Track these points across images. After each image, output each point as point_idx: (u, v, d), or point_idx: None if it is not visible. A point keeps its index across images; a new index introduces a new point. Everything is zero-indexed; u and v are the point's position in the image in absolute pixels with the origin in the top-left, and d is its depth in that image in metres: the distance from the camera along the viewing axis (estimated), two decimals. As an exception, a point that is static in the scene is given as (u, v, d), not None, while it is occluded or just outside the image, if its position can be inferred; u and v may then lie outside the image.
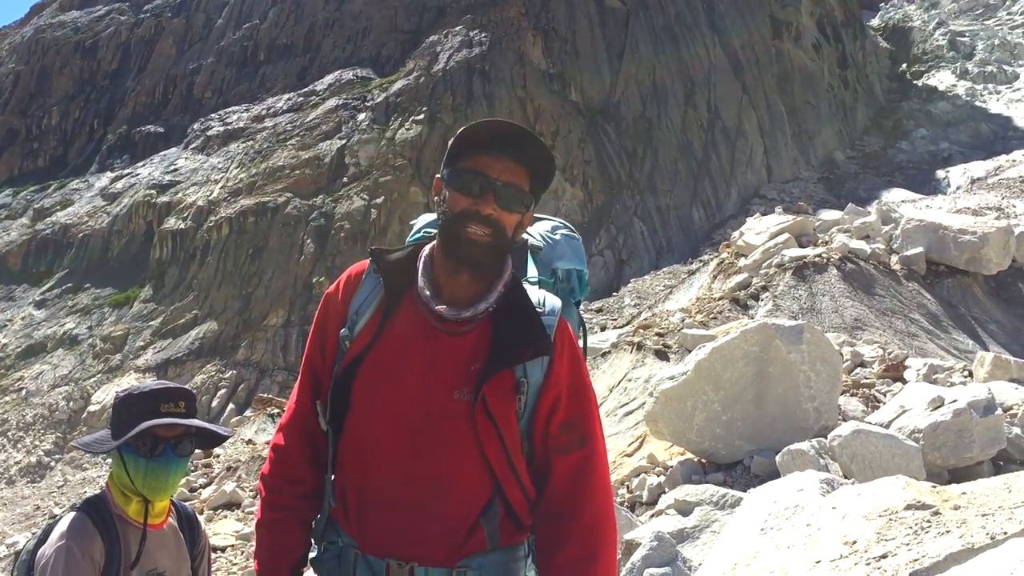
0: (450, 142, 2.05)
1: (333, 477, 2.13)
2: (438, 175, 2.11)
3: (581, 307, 2.50)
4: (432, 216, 2.35)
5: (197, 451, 2.91)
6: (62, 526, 2.58)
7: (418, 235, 2.38)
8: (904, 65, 50.59)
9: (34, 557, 2.57)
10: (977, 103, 44.98)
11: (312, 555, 2.19)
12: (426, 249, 2.14)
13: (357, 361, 2.04)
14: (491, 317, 2.04)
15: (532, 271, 2.28)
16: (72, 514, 2.63)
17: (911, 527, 2.19)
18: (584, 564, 2.00)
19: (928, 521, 2.19)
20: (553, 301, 2.12)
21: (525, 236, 2.31)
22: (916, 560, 1.96)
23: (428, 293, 2.04)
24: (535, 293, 2.12)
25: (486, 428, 1.98)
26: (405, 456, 2.00)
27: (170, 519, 2.82)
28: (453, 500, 2.00)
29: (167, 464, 2.61)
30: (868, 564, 2.09)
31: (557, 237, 2.43)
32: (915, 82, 48.63)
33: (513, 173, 2.00)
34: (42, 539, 2.61)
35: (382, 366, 2.03)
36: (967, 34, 50.87)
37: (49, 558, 2.50)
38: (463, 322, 2.03)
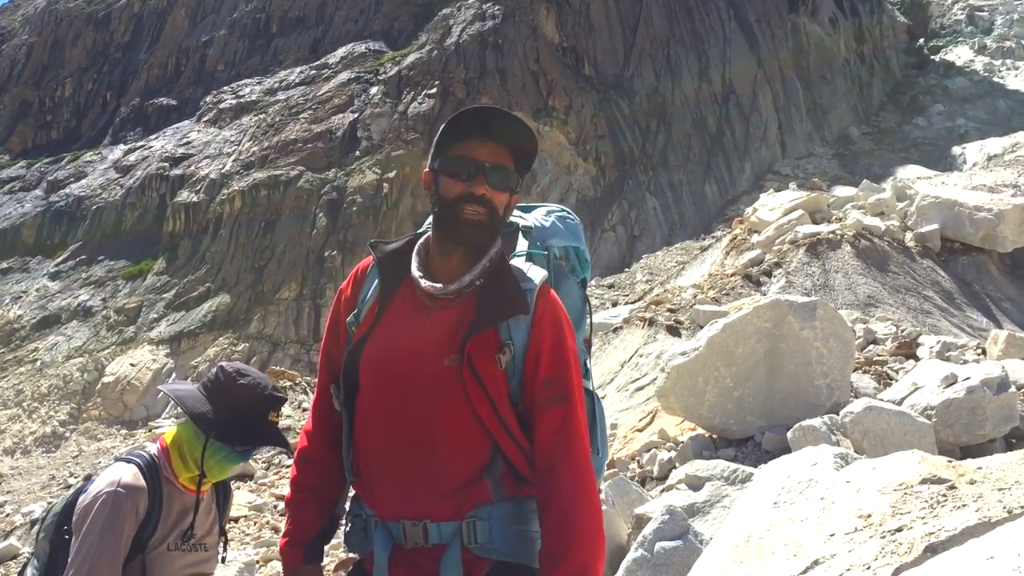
0: (437, 134, 2.21)
1: (351, 453, 2.28)
2: (426, 168, 2.27)
3: (593, 282, 2.59)
4: None
5: None
6: (114, 474, 2.67)
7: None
8: (921, 40, 50.02)
9: (75, 508, 2.64)
10: (995, 79, 44.50)
11: (345, 531, 2.34)
12: (421, 239, 2.31)
13: (361, 343, 2.21)
14: (478, 290, 2.18)
15: (521, 246, 2.39)
16: (126, 465, 2.72)
17: (927, 501, 2.19)
18: (573, 511, 2.10)
19: (944, 495, 2.19)
20: (538, 271, 2.24)
21: (515, 220, 2.46)
22: (932, 534, 1.96)
23: (419, 274, 2.20)
24: (521, 265, 2.26)
25: (474, 388, 2.10)
26: (404, 422, 2.14)
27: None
28: (452, 460, 2.13)
29: (243, 458, 2.82)
30: (883, 537, 2.09)
31: (549, 219, 2.53)
32: (932, 57, 48.10)
33: (499, 155, 2.16)
34: (78, 493, 2.69)
35: (380, 344, 2.19)
36: (985, 9, 50.25)
37: (97, 498, 2.58)
38: (451, 296, 2.18)
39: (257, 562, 8.41)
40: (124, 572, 2.60)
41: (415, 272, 2.21)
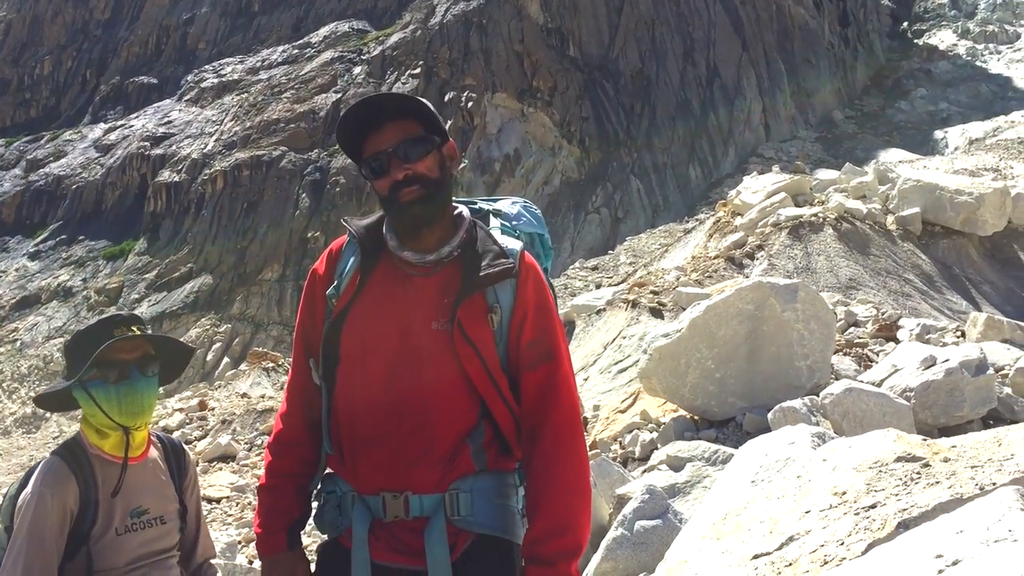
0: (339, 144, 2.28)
1: (329, 427, 2.26)
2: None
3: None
4: None
5: (193, 405, 2.89)
6: (40, 471, 2.53)
7: None
8: (905, 24, 50.15)
9: (16, 502, 2.55)
10: (978, 63, 44.70)
11: (314, 510, 2.33)
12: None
13: (343, 314, 2.21)
14: (459, 259, 2.21)
15: (494, 223, 2.41)
16: (52, 459, 2.57)
17: (901, 478, 2.22)
18: (552, 466, 2.10)
19: (918, 473, 2.22)
20: (515, 241, 2.28)
21: (484, 206, 2.48)
22: (905, 510, 1.99)
23: (395, 243, 2.22)
24: (498, 236, 2.28)
25: (466, 351, 2.11)
26: (391, 388, 2.13)
27: (153, 453, 2.73)
28: (441, 426, 2.13)
29: (137, 385, 2.55)
30: (857, 514, 2.12)
31: (515, 208, 2.56)
32: (916, 41, 48.25)
33: (398, 130, 2.17)
34: (23, 483, 2.58)
35: (364, 314, 2.19)
36: (970, -7, 50.39)
37: (25, 500, 2.48)
38: (431, 265, 2.20)
39: (239, 542, 8.41)
40: (66, 569, 2.47)
41: (390, 242, 2.23)
